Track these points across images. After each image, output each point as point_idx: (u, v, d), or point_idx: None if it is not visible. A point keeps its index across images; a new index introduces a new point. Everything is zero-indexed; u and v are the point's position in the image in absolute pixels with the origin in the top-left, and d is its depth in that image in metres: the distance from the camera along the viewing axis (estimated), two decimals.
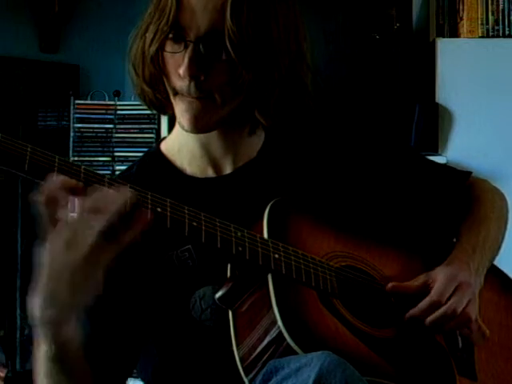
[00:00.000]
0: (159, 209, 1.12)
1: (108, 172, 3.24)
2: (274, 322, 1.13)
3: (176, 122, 1.32)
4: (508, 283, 1.47)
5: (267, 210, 1.25)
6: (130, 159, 3.17)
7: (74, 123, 3.33)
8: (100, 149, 3.34)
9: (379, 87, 3.40)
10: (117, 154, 3.33)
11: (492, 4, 3.26)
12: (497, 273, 1.45)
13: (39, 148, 1.09)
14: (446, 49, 3.25)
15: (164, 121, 3.24)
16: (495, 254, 1.43)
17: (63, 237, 1.04)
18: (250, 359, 1.14)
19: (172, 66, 1.24)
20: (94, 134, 3.34)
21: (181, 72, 1.21)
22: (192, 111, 1.24)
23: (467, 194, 1.48)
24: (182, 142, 1.36)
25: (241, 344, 1.16)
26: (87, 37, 3.59)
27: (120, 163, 3.29)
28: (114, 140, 3.33)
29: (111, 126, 3.34)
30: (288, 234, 1.25)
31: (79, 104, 3.35)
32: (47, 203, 1.05)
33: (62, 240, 1.04)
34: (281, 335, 1.12)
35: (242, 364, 1.15)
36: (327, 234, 1.31)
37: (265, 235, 1.22)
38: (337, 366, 1.03)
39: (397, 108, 3.32)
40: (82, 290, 1.07)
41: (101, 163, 3.30)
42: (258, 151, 1.36)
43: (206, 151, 1.34)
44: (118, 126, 3.34)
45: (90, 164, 3.23)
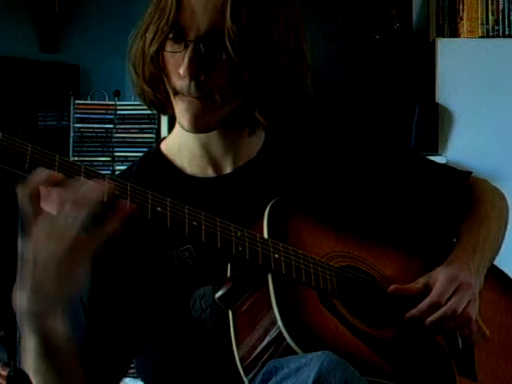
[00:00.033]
0: (159, 208, 1.12)
1: (108, 172, 3.23)
2: (274, 322, 1.13)
3: (176, 122, 1.32)
4: (508, 283, 1.47)
5: (267, 210, 1.25)
6: (130, 159, 3.17)
7: (74, 123, 3.32)
8: (100, 149, 3.34)
9: (379, 87, 3.40)
10: (117, 154, 3.33)
11: (492, 4, 3.26)
12: (497, 273, 1.45)
13: (39, 147, 1.09)
14: (446, 49, 3.24)
15: (164, 121, 3.24)
16: (495, 254, 1.43)
17: (44, 229, 1.05)
18: (250, 359, 1.14)
19: (172, 66, 1.24)
20: (94, 134, 3.34)
21: (181, 72, 1.21)
22: (192, 111, 1.24)
23: (467, 194, 1.48)
24: (182, 142, 1.36)
25: (241, 344, 1.16)
26: (87, 37, 3.59)
27: (120, 163, 3.28)
28: (114, 140, 3.33)
29: (111, 126, 3.33)
30: (288, 234, 1.25)
31: (79, 104, 3.35)
32: (30, 196, 1.06)
33: (44, 232, 1.05)
34: (281, 335, 1.11)
35: (242, 364, 1.15)
36: (327, 234, 1.31)
37: (265, 235, 1.22)
38: (336, 366, 1.03)
39: (397, 108, 3.32)
40: (66, 282, 1.07)
41: (101, 163, 3.29)
42: (258, 151, 1.36)
43: (206, 151, 1.34)
44: (118, 126, 3.33)
45: (90, 164, 3.22)
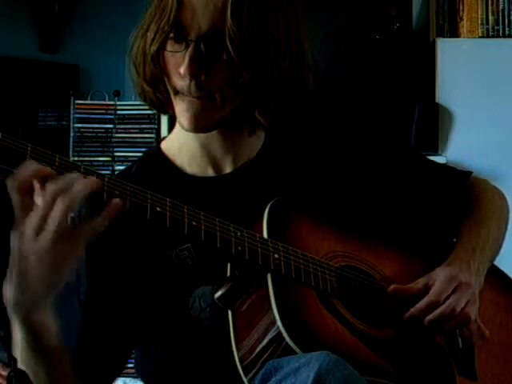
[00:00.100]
0: (158, 208, 1.12)
1: (108, 172, 3.23)
2: (274, 322, 1.13)
3: (176, 122, 1.32)
4: (508, 283, 1.46)
5: (267, 210, 1.25)
6: (130, 159, 3.16)
7: (74, 123, 3.32)
8: (100, 149, 3.33)
9: (379, 87, 3.40)
10: (117, 154, 3.33)
11: (492, 4, 3.26)
12: (497, 273, 1.45)
13: (39, 147, 1.09)
14: (446, 49, 3.25)
15: (164, 121, 3.24)
16: (495, 254, 1.43)
17: (32, 223, 1.05)
18: (250, 359, 1.14)
19: (173, 66, 1.24)
20: (94, 134, 3.33)
21: (181, 71, 1.21)
22: (192, 111, 1.24)
23: (467, 194, 1.48)
24: (182, 142, 1.36)
25: (240, 344, 1.16)
26: (87, 37, 3.58)
27: (120, 163, 3.28)
28: (114, 140, 3.33)
29: (111, 126, 3.33)
30: (288, 234, 1.25)
31: (79, 104, 3.35)
32: (18, 189, 1.05)
33: (31, 226, 1.05)
34: (280, 335, 1.11)
35: (242, 364, 1.15)
36: (327, 234, 1.31)
37: (264, 235, 1.22)
38: (336, 366, 1.03)
39: (397, 108, 3.32)
40: (53, 276, 1.07)
41: (101, 163, 3.29)
42: (258, 151, 1.36)
43: (206, 151, 1.34)
44: (118, 126, 3.33)
45: (90, 164, 3.22)
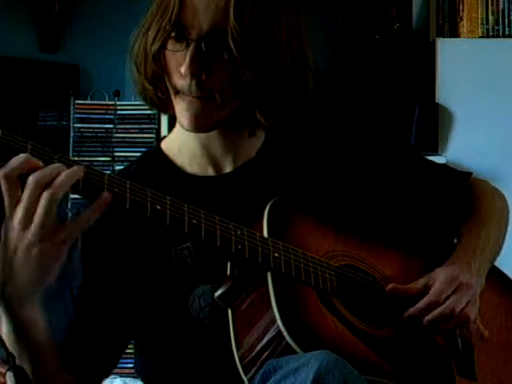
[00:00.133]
0: (159, 206, 1.13)
1: (108, 172, 3.22)
2: (274, 321, 1.13)
3: (176, 122, 1.32)
4: (509, 285, 1.46)
5: (267, 209, 1.25)
6: (130, 159, 3.13)
7: (74, 123, 3.32)
8: (100, 149, 3.33)
9: (379, 87, 3.40)
10: (117, 154, 3.33)
11: (492, 4, 3.26)
12: (498, 274, 1.45)
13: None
14: (446, 49, 3.25)
15: (164, 121, 3.24)
16: (496, 255, 1.43)
17: (18, 216, 1.05)
18: (249, 358, 1.14)
19: (173, 65, 1.24)
20: (94, 134, 3.33)
21: (182, 70, 1.21)
22: (192, 110, 1.24)
23: (467, 195, 1.48)
24: (183, 141, 1.36)
25: (240, 343, 1.16)
26: (87, 37, 3.58)
27: (120, 163, 3.28)
28: (114, 140, 3.33)
29: (111, 126, 3.33)
30: (288, 233, 1.25)
31: (79, 104, 3.35)
32: (8, 182, 1.05)
33: (18, 219, 1.05)
34: (280, 334, 1.11)
35: (241, 363, 1.15)
36: (327, 234, 1.31)
37: (265, 234, 1.22)
38: (335, 365, 1.03)
39: (397, 108, 3.32)
40: (41, 270, 1.07)
41: (101, 163, 3.29)
42: (258, 150, 1.36)
43: (207, 151, 1.34)
44: (118, 126, 3.33)
45: (90, 164, 3.21)
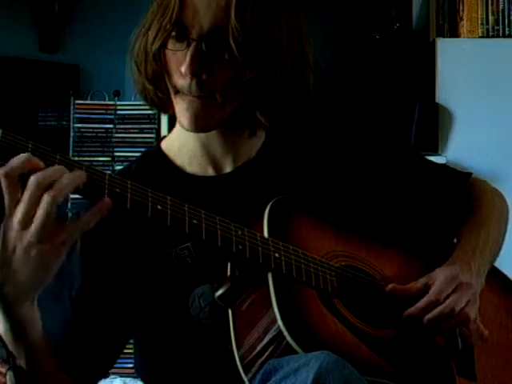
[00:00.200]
0: (159, 206, 1.12)
1: (108, 172, 3.22)
2: (274, 321, 1.13)
3: (176, 122, 1.32)
4: (508, 285, 1.46)
5: (268, 209, 1.25)
6: (130, 159, 3.12)
7: (74, 123, 3.32)
8: (100, 149, 3.33)
9: (379, 87, 3.40)
10: (117, 154, 3.33)
11: (492, 4, 3.26)
12: (497, 274, 1.45)
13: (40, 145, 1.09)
14: (446, 49, 3.25)
15: (164, 121, 3.24)
16: (496, 256, 1.43)
17: (18, 216, 1.05)
18: (250, 358, 1.14)
19: (174, 64, 1.24)
20: (94, 134, 3.33)
21: (182, 70, 1.21)
22: (192, 110, 1.24)
23: (467, 195, 1.48)
24: (183, 141, 1.36)
25: (240, 343, 1.16)
26: (87, 37, 3.58)
27: (120, 163, 3.28)
28: (114, 140, 3.33)
29: (111, 126, 3.33)
30: (288, 234, 1.25)
31: (79, 104, 3.35)
32: (9, 182, 1.05)
33: (18, 219, 1.05)
34: (281, 334, 1.11)
35: (242, 363, 1.14)
36: (327, 234, 1.31)
37: (265, 234, 1.22)
38: (336, 366, 1.03)
39: (397, 108, 3.32)
40: (40, 270, 1.07)
41: (101, 163, 3.29)
42: (258, 150, 1.36)
43: (206, 150, 1.34)
44: (118, 126, 3.33)
45: (90, 164, 3.22)
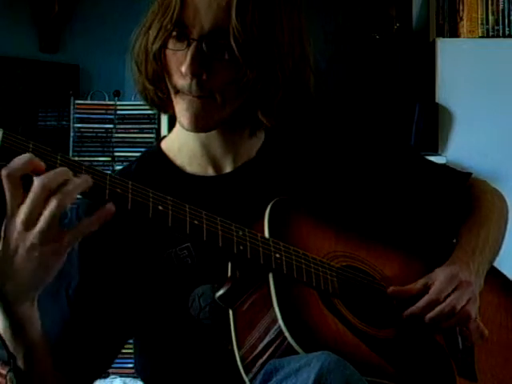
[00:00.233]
0: (161, 207, 1.12)
1: (108, 172, 3.22)
2: (275, 322, 1.13)
3: (176, 122, 1.32)
4: (508, 285, 1.46)
5: (268, 209, 1.25)
6: (130, 159, 3.12)
7: (74, 123, 3.32)
8: (100, 149, 3.33)
9: (379, 87, 3.40)
10: (117, 154, 3.33)
11: (492, 4, 3.26)
12: (497, 274, 1.45)
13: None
14: (446, 49, 3.25)
15: (164, 121, 3.24)
16: (495, 256, 1.43)
17: (22, 217, 1.05)
18: (251, 358, 1.14)
19: (174, 64, 1.24)
20: (94, 134, 3.33)
21: (183, 70, 1.21)
22: (192, 110, 1.24)
23: (467, 195, 1.48)
24: (183, 141, 1.36)
25: (241, 343, 1.16)
26: (87, 37, 3.58)
27: (120, 163, 3.27)
28: (114, 140, 3.33)
29: (111, 126, 3.33)
30: (289, 234, 1.25)
31: (79, 104, 3.35)
32: (11, 182, 1.05)
33: (21, 219, 1.05)
34: (282, 334, 1.11)
35: (243, 363, 1.14)
36: (328, 234, 1.31)
37: (266, 234, 1.22)
38: (337, 366, 1.03)
39: (397, 108, 3.32)
40: (41, 270, 1.07)
41: (101, 163, 3.29)
42: (258, 150, 1.36)
43: (206, 150, 1.34)
44: (118, 126, 3.33)
45: (90, 164, 3.22)
